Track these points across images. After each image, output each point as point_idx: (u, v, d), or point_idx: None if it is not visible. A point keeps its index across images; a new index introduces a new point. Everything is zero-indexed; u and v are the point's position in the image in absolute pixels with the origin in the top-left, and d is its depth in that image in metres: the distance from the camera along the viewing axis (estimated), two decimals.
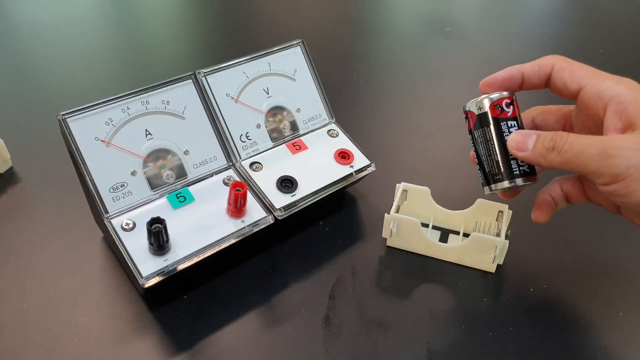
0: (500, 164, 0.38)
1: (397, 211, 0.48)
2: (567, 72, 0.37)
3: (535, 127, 0.42)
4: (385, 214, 0.46)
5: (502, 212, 0.47)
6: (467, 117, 0.40)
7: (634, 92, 0.35)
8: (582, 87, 0.37)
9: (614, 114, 0.35)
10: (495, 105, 0.38)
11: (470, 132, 0.40)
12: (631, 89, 0.35)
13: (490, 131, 0.38)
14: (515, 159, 0.38)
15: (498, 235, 0.45)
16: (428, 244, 0.47)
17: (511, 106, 0.38)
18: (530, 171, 0.38)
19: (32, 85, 0.73)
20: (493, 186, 0.39)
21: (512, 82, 0.39)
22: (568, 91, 0.38)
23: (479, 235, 0.45)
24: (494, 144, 0.38)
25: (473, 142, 0.40)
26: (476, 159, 0.40)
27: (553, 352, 0.40)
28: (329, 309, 0.43)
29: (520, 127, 0.38)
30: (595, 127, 0.37)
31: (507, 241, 0.44)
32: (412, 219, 0.46)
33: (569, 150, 0.34)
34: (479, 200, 0.48)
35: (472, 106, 0.39)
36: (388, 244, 0.48)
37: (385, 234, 0.48)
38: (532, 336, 0.41)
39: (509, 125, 0.38)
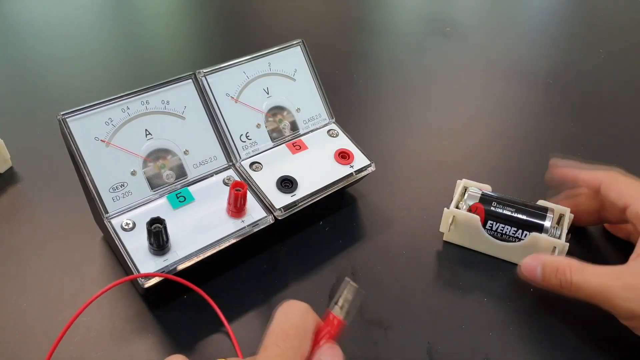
0: None
1: (457, 206, 0.47)
2: (614, 192, 0.40)
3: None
4: (445, 209, 0.46)
5: (563, 215, 0.46)
6: None
7: None
8: (627, 206, 0.39)
9: None
10: None
11: None
12: None
13: None
14: None
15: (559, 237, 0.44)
16: (487, 242, 0.46)
17: None
18: None
19: (32, 85, 0.73)
20: None
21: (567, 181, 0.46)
22: (616, 207, 0.41)
23: (537, 236, 0.44)
24: None
25: None
26: None
27: (553, 352, 0.40)
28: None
29: None
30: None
31: (567, 244, 0.43)
32: (472, 215, 0.45)
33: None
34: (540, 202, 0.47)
35: None
36: (445, 238, 0.49)
37: (443, 228, 0.48)
38: (532, 336, 0.41)
39: None
